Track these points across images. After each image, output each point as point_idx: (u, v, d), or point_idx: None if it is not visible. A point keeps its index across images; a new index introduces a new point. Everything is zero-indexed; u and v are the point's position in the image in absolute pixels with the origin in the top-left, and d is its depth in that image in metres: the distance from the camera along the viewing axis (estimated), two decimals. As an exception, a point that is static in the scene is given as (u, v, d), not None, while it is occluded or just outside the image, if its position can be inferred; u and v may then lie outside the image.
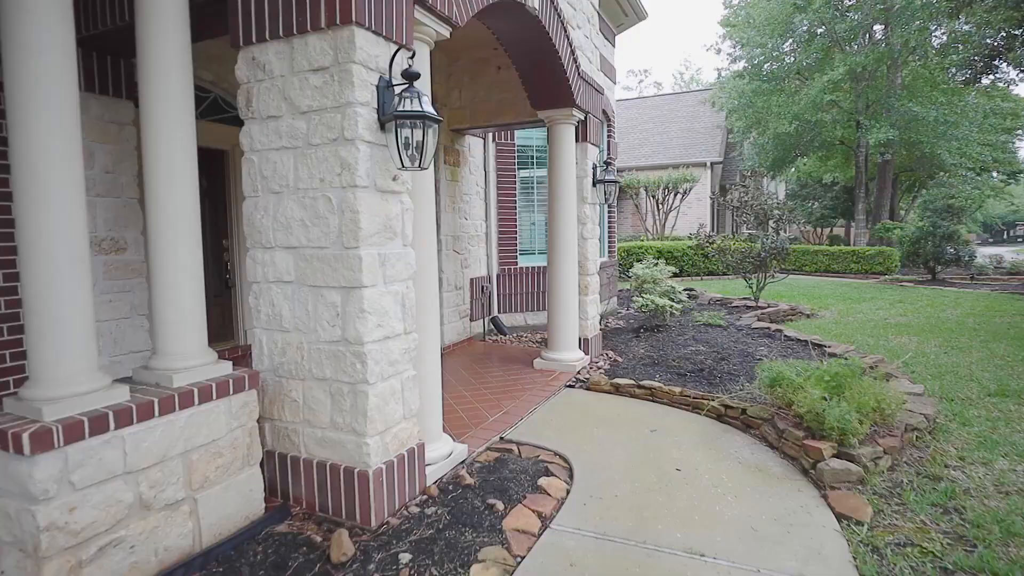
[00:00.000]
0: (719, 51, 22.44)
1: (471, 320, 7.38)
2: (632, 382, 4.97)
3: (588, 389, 5.15)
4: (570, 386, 5.28)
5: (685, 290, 11.29)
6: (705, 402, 4.42)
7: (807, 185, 26.61)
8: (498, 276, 7.92)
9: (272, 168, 2.88)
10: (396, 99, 2.69)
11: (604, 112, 9.08)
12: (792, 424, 3.63)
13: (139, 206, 4.02)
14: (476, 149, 7.52)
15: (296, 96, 2.76)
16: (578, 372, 5.68)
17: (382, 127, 2.75)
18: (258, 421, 3.02)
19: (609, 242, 10.12)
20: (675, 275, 15.28)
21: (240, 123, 3.01)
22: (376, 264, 2.75)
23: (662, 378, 5.31)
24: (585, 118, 5.89)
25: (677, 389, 4.67)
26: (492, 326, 7.84)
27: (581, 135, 5.95)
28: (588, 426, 4.19)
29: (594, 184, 6.13)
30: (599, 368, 5.81)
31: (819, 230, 27.09)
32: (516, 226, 8.04)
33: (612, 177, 6.13)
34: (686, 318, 8.44)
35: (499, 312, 7.94)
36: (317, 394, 2.87)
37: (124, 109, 3.90)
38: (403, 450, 2.97)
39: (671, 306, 7.55)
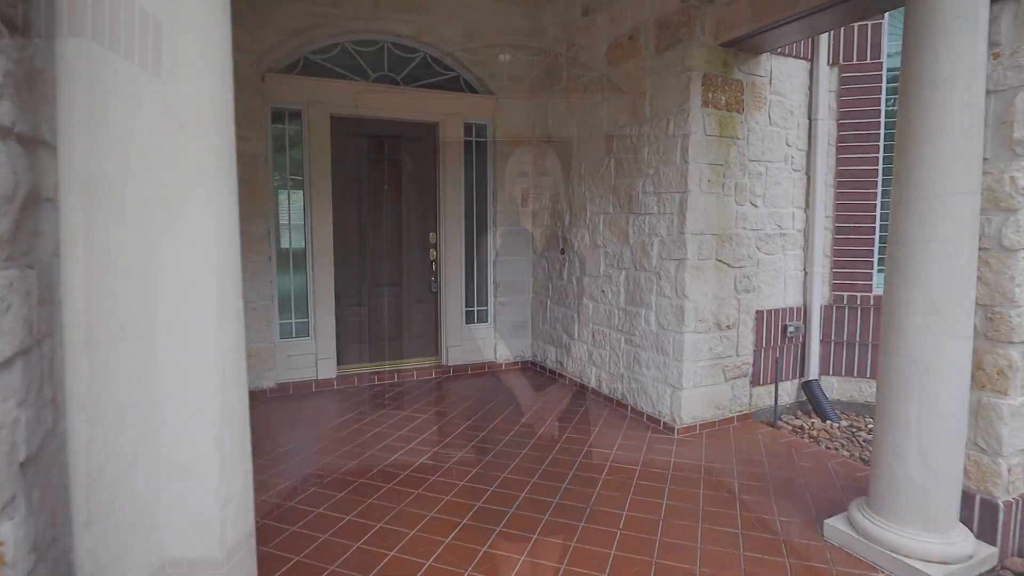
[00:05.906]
0: None
1: (754, 384, 4.19)
2: None
3: None
4: (886, 654, 1.91)
5: None
6: None
7: None
8: (824, 309, 4.39)
9: None
10: None
11: None
12: None
13: None
14: (789, 81, 4.20)
15: None
16: (938, 599, 2.16)
17: None
18: None
19: None
20: None
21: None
22: None
23: None
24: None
25: None
26: (806, 397, 4.41)
27: (1016, -24, 2.25)
28: None
29: (1056, 105, 2.30)
30: (1016, 608, 2.11)
31: None
32: (874, 222, 4.31)
33: None
34: None
35: (822, 374, 4.42)
36: None
37: None
38: None
39: None
